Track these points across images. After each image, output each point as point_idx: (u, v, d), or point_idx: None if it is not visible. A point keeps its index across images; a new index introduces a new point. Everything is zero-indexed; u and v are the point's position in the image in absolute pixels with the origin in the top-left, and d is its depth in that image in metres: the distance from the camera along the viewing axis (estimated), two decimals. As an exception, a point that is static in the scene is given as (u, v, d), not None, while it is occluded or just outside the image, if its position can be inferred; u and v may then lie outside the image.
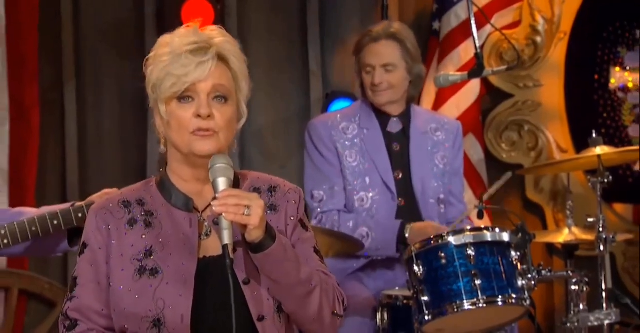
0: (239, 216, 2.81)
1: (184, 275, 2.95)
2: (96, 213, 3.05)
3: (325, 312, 3.01)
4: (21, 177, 5.99)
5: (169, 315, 2.92)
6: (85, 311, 3.01)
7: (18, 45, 6.05)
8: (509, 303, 4.54)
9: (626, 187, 6.21)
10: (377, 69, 5.04)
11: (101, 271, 2.99)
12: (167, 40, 2.99)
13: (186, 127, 2.94)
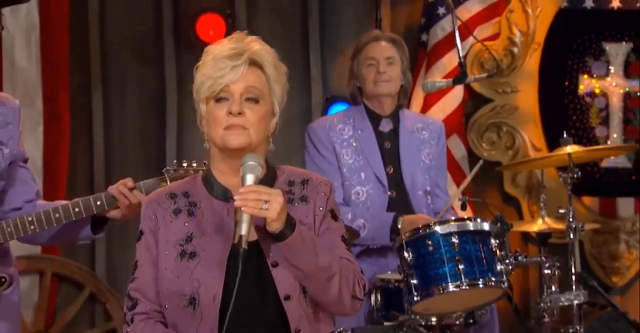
0: (257, 210, 2.82)
1: (217, 258, 2.97)
2: (147, 205, 3.10)
3: (345, 295, 3.01)
4: (53, 173, 5.99)
5: (203, 294, 2.94)
6: (144, 290, 3.06)
7: (51, 55, 6.06)
8: (489, 286, 4.53)
9: (593, 182, 6.21)
10: (380, 61, 5.04)
11: (154, 255, 3.03)
12: (212, 49, 3.02)
13: (220, 124, 2.95)
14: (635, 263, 6.29)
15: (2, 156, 3.78)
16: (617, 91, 6.28)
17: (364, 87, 5.12)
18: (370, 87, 5.08)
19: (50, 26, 6.04)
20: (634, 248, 6.27)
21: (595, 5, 6.24)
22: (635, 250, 6.27)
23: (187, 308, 2.96)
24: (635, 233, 6.27)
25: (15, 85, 5.71)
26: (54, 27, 6.06)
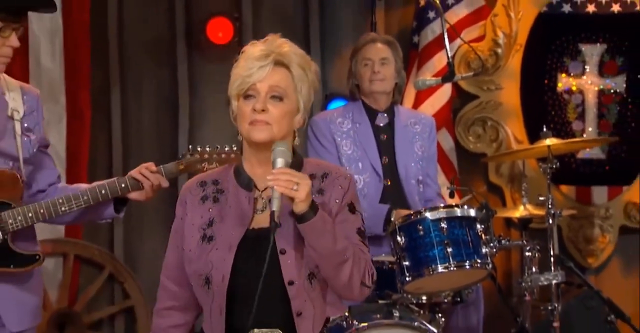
0: (287, 189, 2.83)
1: (230, 242, 2.99)
2: (183, 192, 3.15)
3: (354, 281, 3.01)
4: (75, 163, 6.01)
5: (214, 274, 2.98)
6: (168, 269, 3.16)
7: (73, 56, 6.06)
8: (475, 267, 4.53)
9: (570, 172, 6.21)
10: (375, 62, 5.06)
11: (179, 236, 3.10)
12: (247, 50, 3.05)
13: (246, 119, 2.97)
14: (609, 246, 6.30)
15: (30, 142, 3.79)
16: (592, 88, 6.28)
17: (361, 85, 5.14)
18: (366, 85, 5.10)
19: (73, 30, 6.04)
20: (607, 233, 6.28)
21: (572, 10, 6.25)
22: (608, 234, 6.28)
23: (203, 287, 3.01)
24: (608, 218, 6.28)
25: (40, 84, 5.70)
26: (76, 31, 6.05)
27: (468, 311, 5.14)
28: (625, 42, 6.25)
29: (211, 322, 3.02)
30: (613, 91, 6.28)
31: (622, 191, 6.28)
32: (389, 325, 4.48)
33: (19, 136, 3.75)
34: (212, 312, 3.00)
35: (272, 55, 2.96)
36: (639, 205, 6.26)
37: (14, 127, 3.75)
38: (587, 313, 5.56)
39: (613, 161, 6.27)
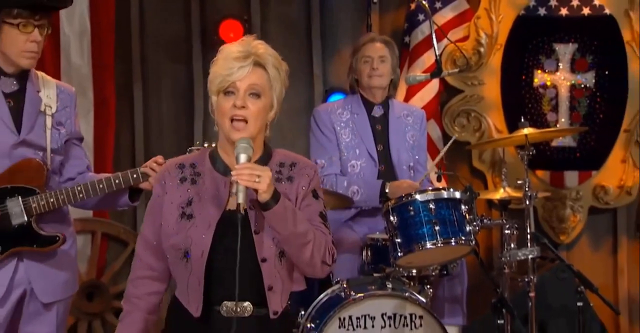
0: (250, 182, 2.85)
1: (209, 221, 2.97)
2: (160, 173, 3.14)
3: (316, 260, 3.01)
4: (102, 150, 6.01)
5: (193, 249, 2.95)
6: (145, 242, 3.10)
7: (100, 53, 6.06)
8: (460, 244, 4.56)
9: (545, 158, 6.20)
10: (375, 59, 5.08)
11: (156, 212, 3.05)
12: (224, 49, 3.02)
13: (226, 114, 2.95)
14: (579, 225, 6.30)
15: (59, 134, 3.80)
16: (564, 84, 6.27)
17: (360, 80, 5.15)
18: (365, 80, 5.12)
19: (99, 30, 6.04)
20: (577, 213, 6.28)
21: (547, 13, 6.23)
22: (578, 214, 6.28)
23: (181, 260, 2.98)
24: (578, 200, 6.27)
25: (70, 79, 5.71)
26: (102, 31, 6.06)
27: (453, 283, 5.15)
28: (594, 42, 6.24)
29: (188, 293, 3.00)
30: (583, 86, 6.26)
31: (591, 175, 6.27)
32: (383, 295, 4.50)
33: (49, 129, 3.75)
34: (189, 284, 2.99)
35: (251, 56, 2.95)
36: (606, 188, 6.26)
37: (45, 121, 3.75)
38: (560, 285, 5.56)
39: (583, 148, 6.26)
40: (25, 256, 3.72)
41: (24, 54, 3.65)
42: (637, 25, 6.16)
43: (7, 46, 3.64)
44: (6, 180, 3.67)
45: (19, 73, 3.73)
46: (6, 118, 3.68)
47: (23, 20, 3.62)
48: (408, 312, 4.48)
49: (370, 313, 4.45)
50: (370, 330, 4.45)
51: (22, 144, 3.70)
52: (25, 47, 3.64)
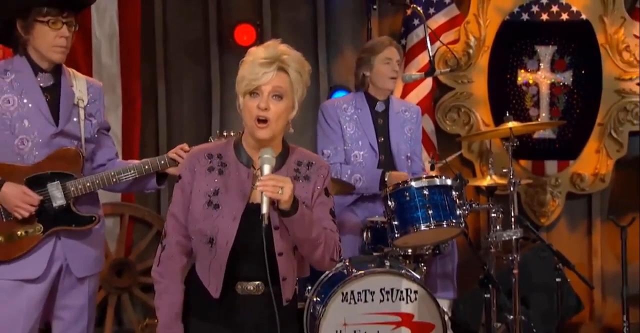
0: (275, 194, 2.82)
1: (234, 214, 2.97)
2: (189, 158, 3.09)
3: (326, 258, 3.04)
4: (129, 142, 6.03)
5: (219, 238, 2.95)
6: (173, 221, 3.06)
7: (127, 55, 6.07)
8: (451, 226, 4.57)
9: (527, 149, 6.20)
10: (394, 62, 5.10)
11: (186, 196, 3.02)
12: (252, 52, 3.00)
13: (252, 114, 2.94)
14: (558, 209, 6.29)
15: (91, 125, 3.82)
16: (545, 82, 6.25)
17: (374, 78, 5.13)
18: (383, 80, 5.11)
19: (127, 34, 6.05)
20: (556, 198, 6.27)
21: (530, 18, 6.21)
22: (557, 199, 6.27)
23: (206, 244, 2.98)
24: (557, 186, 6.27)
25: (101, 77, 5.70)
26: (129, 35, 6.06)
27: (445, 261, 5.15)
28: (572, 44, 6.22)
29: (209, 274, 3.01)
30: (562, 84, 6.24)
31: (569, 164, 6.26)
32: (381, 272, 4.50)
33: (82, 120, 3.77)
34: (211, 266, 2.99)
35: (275, 62, 2.94)
36: (582, 176, 6.24)
37: (79, 113, 3.77)
38: (540, 262, 5.56)
39: (561, 140, 6.25)
40: (63, 235, 3.73)
41: (54, 49, 3.65)
42: (610, 29, 6.14)
43: (39, 42, 3.65)
44: (47, 167, 3.68)
45: (53, 69, 3.73)
46: (45, 110, 3.69)
47: (52, 18, 3.63)
48: (404, 287, 4.48)
49: (370, 288, 4.46)
50: (370, 303, 4.45)
51: (60, 134, 3.71)
52: (55, 42, 3.64)
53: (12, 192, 3.59)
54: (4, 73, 3.68)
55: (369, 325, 4.45)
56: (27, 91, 3.67)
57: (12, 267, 3.66)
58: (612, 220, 5.01)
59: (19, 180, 3.63)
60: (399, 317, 4.46)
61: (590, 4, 6.16)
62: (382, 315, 4.46)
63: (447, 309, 5.02)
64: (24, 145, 3.66)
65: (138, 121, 6.12)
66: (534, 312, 5.45)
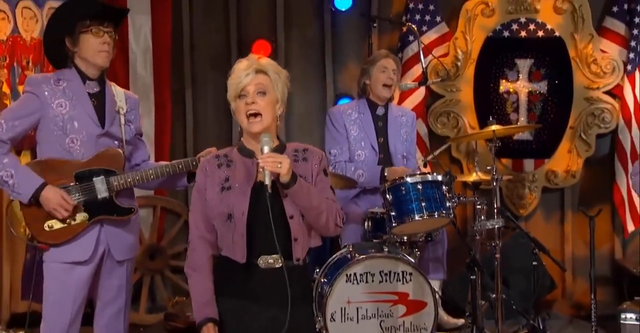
0: (274, 168, 2.90)
1: (245, 189, 3.01)
2: (201, 164, 3.15)
3: (330, 223, 3.05)
4: (161, 144, 6.07)
5: (235, 211, 2.97)
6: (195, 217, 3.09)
7: (159, 67, 6.11)
8: (441, 216, 4.54)
9: (508, 149, 6.18)
10: (390, 71, 5.08)
11: (202, 194, 3.06)
12: (235, 67, 3.09)
13: (242, 112, 3.02)
14: (534, 201, 6.27)
15: (130, 129, 3.85)
16: (524, 90, 6.23)
17: (372, 85, 5.12)
18: (379, 88, 5.10)
19: (159, 49, 6.08)
20: (533, 192, 6.25)
21: (510, 35, 6.18)
22: (534, 192, 6.25)
23: (226, 221, 2.99)
24: (534, 182, 6.24)
25: (136, 86, 5.74)
26: (161, 49, 6.09)
27: (436, 247, 5.15)
28: (547, 58, 6.20)
29: (233, 247, 3.01)
30: (538, 92, 6.22)
31: (544, 162, 6.24)
32: (381, 256, 4.49)
33: (123, 125, 3.79)
34: (234, 239, 3.00)
35: (252, 66, 3.03)
36: (555, 172, 6.22)
37: (120, 119, 3.78)
38: (519, 248, 5.54)
39: (538, 141, 6.23)
40: (105, 223, 3.74)
41: (99, 54, 3.69)
42: (580, 44, 6.11)
43: (85, 50, 3.69)
44: (94, 163, 3.70)
45: (99, 77, 3.76)
46: (92, 114, 3.70)
47: (94, 28, 3.68)
48: (400, 270, 4.47)
49: (371, 271, 4.44)
50: (370, 284, 4.44)
51: (105, 135, 3.73)
52: (99, 48, 3.68)
53: (51, 196, 3.60)
54: (57, 81, 3.69)
55: (369, 303, 4.44)
56: (77, 97, 3.69)
57: (63, 251, 3.66)
58: (582, 211, 4.98)
59: (69, 174, 3.66)
60: (396, 295, 4.45)
61: (563, 22, 6.13)
62: (381, 294, 4.45)
63: (438, 289, 5.01)
64: (73, 143, 3.67)
65: (168, 123, 6.14)
66: (514, 291, 5.43)
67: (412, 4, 6.11)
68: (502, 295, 4.98)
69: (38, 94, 3.66)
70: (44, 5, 5.51)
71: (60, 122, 3.65)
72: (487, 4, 6.19)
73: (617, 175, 6.03)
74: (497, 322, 4.97)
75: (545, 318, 5.15)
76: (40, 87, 3.67)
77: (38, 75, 3.78)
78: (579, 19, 6.11)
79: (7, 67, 5.40)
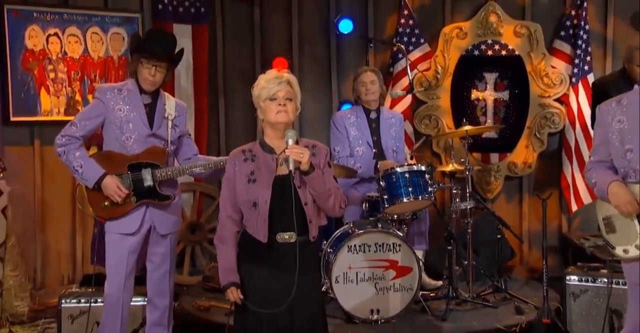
0: (298, 157, 2.87)
1: (267, 182, 2.96)
2: (230, 157, 3.09)
3: (336, 206, 3.02)
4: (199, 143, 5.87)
5: (259, 200, 2.94)
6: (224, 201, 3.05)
7: (198, 80, 6.06)
8: (424, 199, 4.57)
9: (478, 145, 6.13)
10: (367, 83, 5.06)
11: (231, 182, 3.01)
12: (262, 77, 3.06)
13: (273, 111, 2.98)
14: (499, 187, 6.24)
15: (175, 132, 3.86)
16: (490, 98, 6.19)
17: (360, 96, 5.13)
18: (363, 96, 5.09)
19: (198, 65, 6.03)
20: (498, 179, 6.23)
21: (479, 54, 6.14)
22: (498, 180, 6.23)
23: (252, 208, 2.96)
24: (499, 171, 6.21)
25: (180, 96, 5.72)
26: (199, 66, 6.05)
27: (420, 223, 5.13)
28: (509, 72, 6.15)
29: (257, 229, 2.98)
30: (502, 99, 6.18)
31: (506, 156, 6.21)
32: (376, 231, 4.50)
33: (169, 128, 3.81)
34: (258, 222, 2.97)
35: (283, 77, 3.01)
36: (515, 164, 6.19)
37: (167, 123, 3.80)
38: (486, 224, 5.52)
39: (502, 139, 6.18)
40: (150, 205, 3.78)
41: (145, 81, 3.75)
42: (535, 61, 6.08)
43: (138, 75, 3.76)
44: (142, 157, 3.75)
45: (152, 92, 3.80)
46: (144, 118, 3.76)
47: (146, 62, 3.72)
48: (391, 242, 4.48)
49: (367, 243, 4.45)
50: (367, 253, 4.45)
51: (152, 135, 3.77)
52: (146, 77, 3.73)
53: (109, 184, 3.68)
54: (120, 91, 3.77)
55: (366, 268, 4.45)
56: (133, 104, 3.75)
57: (117, 224, 3.74)
58: (536, 194, 4.95)
59: (123, 164, 3.73)
60: (388, 262, 4.46)
61: (521, 43, 6.09)
62: (376, 261, 4.46)
63: (422, 257, 5.00)
64: (128, 140, 3.74)
65: (205, 126, 6.08)
66: (482, 259, 5.42)
67: (401, 28, 6.07)
68: (472, 262, 4.98)
69: (103, 100, 3.75)
70: (109, 31, 5.69)
71: (118, 123, 3.73)
72: (461, 28, 6.15)
73: (564, 166, 6.00)
74: (469, 283, 4.98)
75: (507, 280, 5.16)
76: (105, 94, 3.75)
77: (105, 85, 3.85)
78: (534, 41, 6.07)
79: (79, 80, 5.59)
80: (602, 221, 3.13)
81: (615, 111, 3.05)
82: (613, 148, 3.05)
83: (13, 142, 5.38)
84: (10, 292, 4.99)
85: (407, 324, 4.41)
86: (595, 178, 3.10)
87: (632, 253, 3.02)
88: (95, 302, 4.11)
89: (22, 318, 4.98)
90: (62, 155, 3.68)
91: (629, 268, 3.08)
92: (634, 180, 3.00)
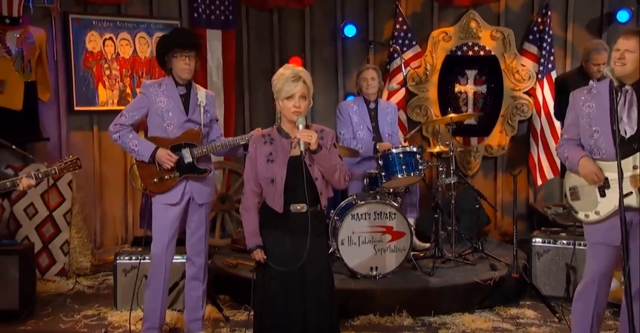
0: (307, 139, 2.81)
1: (283, 162, 2.92)
2: (253, 140, 3.05)
3: (341, 179, 2.97)
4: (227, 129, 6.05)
5: (276, 177, 2.90)
6: (247, 176, 3.00)
7: (227, 75, 6.05)
8: (415, 175, 4.54)
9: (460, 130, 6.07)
10: (368, 79, 4.97)
11: (253, 161, 2.97)
12: (282, 71, 2.96)
13: (290, 110, 2.90)
14: (477, 165, 6.20)
15: (207, 117, 3.85)
16: (471, 91, 6.11)
17: (362, 89, 5.05)
18: (364, 90, 5.02)
19: (227, 63, 6.00)
20: (477, 159, 6.19)
21: (462, 54, 6.06)
22: (477, 159, 6.19)
23: (270, 184, 2.92)
24: (477, 152, 6.17)
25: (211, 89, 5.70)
26: (228, 64, 6.03)
27: (411, 195, 5.11)
28: (486, 69, 6.08)
29: (274, 201, 2.95)
30: (480, 92, 6.11)
31: (484, 139, 6.16)
32: (375, 202, 4.49)
33: (202, 114, 3.79)
34: (274, 195, 2.94)
35: (301, 78, 2.91)
36: (491, 146, 6.14)
37: (200, 110, 3.77)
38: (467, 196, 5.49)
39: (480, 125, 6.12)
40: (190, 179, 3.77)
41: (182, 70, 3.71)
42: (508, 60, 6.01)
43: (175, 67, 3.72)
44: (181, 139, 3.74)
45: (186, 84, 3.78)
46: (180, 107, 3.74)
47: (179, 54, 3.69)
48: (388, 211, 4.46)
49: (368, 212, 4.44)
50: (368, 220, 4.45)
51: (188, 121, 3.75)
52: (182, 67, 3.70)
53: (162, 154, 3.69)
54: (159, 85, 3.76)
55: (367, 233, 4.44)
56: (171, 96, 3.73)
57: (163, 197, 3.75)
58: (509, 171, 4.94)
59: (167, 146, 3.72)
60: (385, 228, 4.45)
61: (496, 45, 6.02)
62: (375, 227, 4.45)
63: (413, 223, 4.98)
64: (169, 127, 3.73)
65: (233, 115, 6.07)
66: (463, 225, 5.40)
67: (396, 32, 6.00)
68: (455, 228, 4.96)
69: (147, 94, 3.74)
70: (153, 35, 5.76)
71: (160, 112, 3.73)
72: (447, 33, 6.07)
73: (531, 148, 5.95)
74: (452, 245, 4.97)
75: (483, 242, 5.15)
76: (149, 89, 3.75)
77: (147, 81, 3.82)
78: (507, 44, 6.01)
79: (130, 76, 5.71)
80: (568, 190, 3.13)
81: (586, 97, 3.05)
82: (582, 129, 3.05)
83: (76, 128, 5.56)
84: (75, 250, 5.23)
85: (400, 279, 4.42)
86: (567, 153, 3.10)
87: (592, 218, 3.05)
88: (143, 259, 4.14)
89: (85, 271, 5.23)
90: (117, 140, 3.71)
91: (589, 229, 3.10)
92: (598, 157, 3.00)
